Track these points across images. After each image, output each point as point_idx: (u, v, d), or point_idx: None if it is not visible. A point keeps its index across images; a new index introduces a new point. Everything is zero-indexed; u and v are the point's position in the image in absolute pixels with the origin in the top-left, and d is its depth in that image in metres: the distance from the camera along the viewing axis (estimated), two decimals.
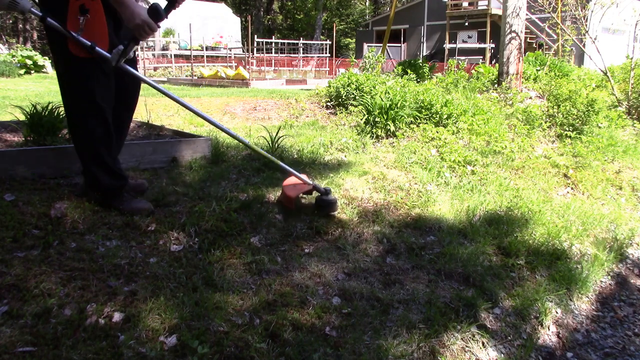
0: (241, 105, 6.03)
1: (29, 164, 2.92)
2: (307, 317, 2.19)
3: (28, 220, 2.41)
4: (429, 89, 5.75)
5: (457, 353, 2.22)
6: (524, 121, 5.81)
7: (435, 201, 3.59)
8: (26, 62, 15.30)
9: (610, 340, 2.77)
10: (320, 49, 19.69)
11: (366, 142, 4.56)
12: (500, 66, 7.47)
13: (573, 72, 9.72)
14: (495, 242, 3.19)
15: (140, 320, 1.94)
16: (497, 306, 2.63)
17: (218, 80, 12.63)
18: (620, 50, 14.56)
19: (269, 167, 3.64)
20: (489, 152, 4.70)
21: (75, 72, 2.41)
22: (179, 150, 3.56)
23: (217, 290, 2.23)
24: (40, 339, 1.76)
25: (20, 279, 2.01)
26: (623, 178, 5.10)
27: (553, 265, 3.13)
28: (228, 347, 1.91)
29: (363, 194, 3.51)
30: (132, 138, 3.99)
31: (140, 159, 3.36)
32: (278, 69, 17.98)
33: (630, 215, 4.41)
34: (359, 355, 2.04)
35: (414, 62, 10.67)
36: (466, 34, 21.24)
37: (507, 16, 7.28)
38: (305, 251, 2.73)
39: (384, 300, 2.42)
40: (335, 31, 20.44)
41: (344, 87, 5.94)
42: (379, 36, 23.56)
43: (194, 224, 2.65)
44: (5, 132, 3.72)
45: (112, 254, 2.30)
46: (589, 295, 3.10)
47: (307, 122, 5.44)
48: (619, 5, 8.85)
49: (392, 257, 2.86)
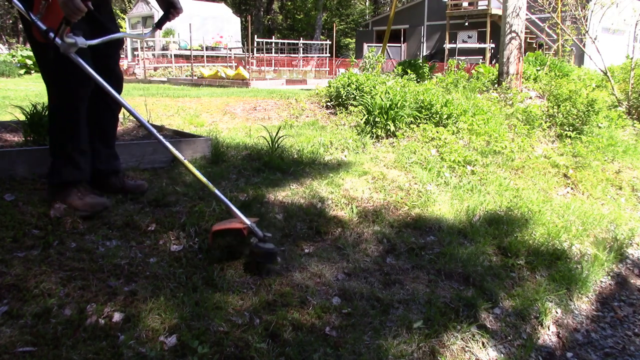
0: (241, 105, 6.03)
1: (29, 164, 2.92)
2: (307, 317, 2.19)
3: (28, 220, 2.41)
4: (429, 89, 5.75)
5: (457, 353, 2.22)
6: (524, 121, 5.82)
7: (435, 201, 3.59)
8: (26, 62, 15.31)
9: (610, 340, 2.77)
10: (320, 49, 19.70)
11: (366, 142, 4.56)
12: (500, 66, 7.47)
13: (573, 72, 9.73)
14: (495, 242, 3.19)
15: (140, 320, 1.94)
16: (497, 306, 2.63)
17: (218, 80, 12.63)
18: (620, 50, 14.56)
19: (269, 168, 3.64)
20: (489, 152, 4.70)
21: (40, 57, 2.40)
22: (179, 150, 3.54)
23: (217, 290, 2.23)
24: (40, 339, 1.76)
25: (20, 279, 2.01)
26: (623, 178, 5.10)
27: (553, 265, 3.13)
28: (228, 347, 1.91)
29: (363, 194, 3.51)
30: (132, 138, 3.99)
31: (140, 159, 3.36)
32: (278, 69, 17.98)
33: (630, 215, 4.41)
34: (359, 355, 2.04)
35: (414, 62, 10.67)
36: (466, 34, 21.25)
37: (507, 16, 7.28)
38: (305, 251, 2.73)
39: (384, 300, 2.42)
40: (335, 31, 20.44)
41: (344, 87, 5.94)
42: (379, 36, 23.55)
43: (194, 224, 2.65)
44: (5, 132, 3.72)
45: (112, 254, 2.30)
46: (589, 295, 3.10)
47: (307, 122, 5.44)
48: (619, 5, 8.85)
49: (392, 257, 2.86)
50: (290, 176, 3.56)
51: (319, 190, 3.37)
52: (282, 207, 3.06)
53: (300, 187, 3.38)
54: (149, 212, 2.72)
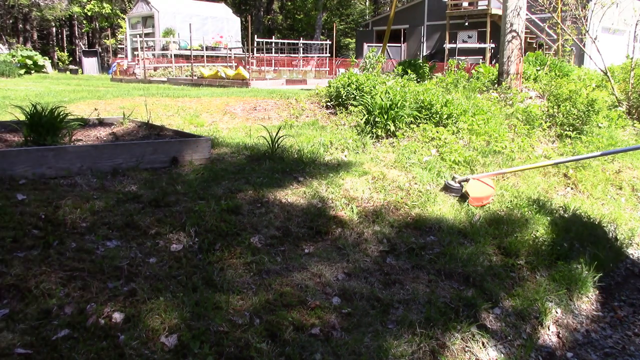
0: (241, 105, 6.03)
1: (29, 164, 2.92)
2: (307, 317, 2.19)
3: (28, 220, 2.41)
4: (429, 89, 5.74)
5: (457, 353, 2.22)
6: (524, 121, 5.81)
7: (435, 201, 3.59)
8: (26, 62, 15.32)
9: (610, 340, 2.77)
10: (320, 49, 19.68)
11: (366, 142, 4.56)
12: (500, 66, 7.47)
13: (573, 72, 9.71)
14: (495, 242, 3.19)
15: (141, 320, 1.94)
16: (497, 306, 2.62)
17: (218, 80, 12.63)
18: (620, 50, 14.55)
19: (269, 167, 3.64)
20: (489, 152, 4.70)
21: None
22: (179, 150, 3.56)
23: (217, 290, 2.23)
24: (41, 339, 1.76)
25: (20, 279, 2.01)
26: (623, 178, 5.10)
27: (553, 265, 3.13)
28: (228, 347, 1.91)
29: (363, 194, 3.51)
30: (132, 138, 3.99)
31: (141, 159, 3.35)
32: (278, 69, 17.97)
33: (630, 215, 4.40)
34: (359, 355, 2.04)
35: (414, 62, 10.66)
36: (466, 34, 21.23)
37: (507, 15, 7.27)
38: (305, 251, 2.73)
39: (384, 300, 2.42)
40: (335, 31, 20.43)
41: (344, 87, 5.94)
42: (379, 36, 23.54)
43: (194, 224, 2.65)
44: (5, 132, 3.72)
45: (112, 254, 2.30)
46: (589, 295, 3.10)
47: (307, 122, 5.43)
48: (619, 5, 8.84)
49: (392, 257, 2.85)
50: (290, 176, 3.56)
51: (319, 190, 3.37)
52: (282, 207, 3.06)
53: (300, 187, 3.37)
54: (149, 212, 2.72)
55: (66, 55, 32.15)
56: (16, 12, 30.59)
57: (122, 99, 6.27)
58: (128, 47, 21.58)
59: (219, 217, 2.76)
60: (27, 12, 30.48)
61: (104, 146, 3.36)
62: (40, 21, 32.08)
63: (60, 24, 34.86)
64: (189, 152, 3.60)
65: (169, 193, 2.97)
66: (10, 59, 15.53)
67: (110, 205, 2.71)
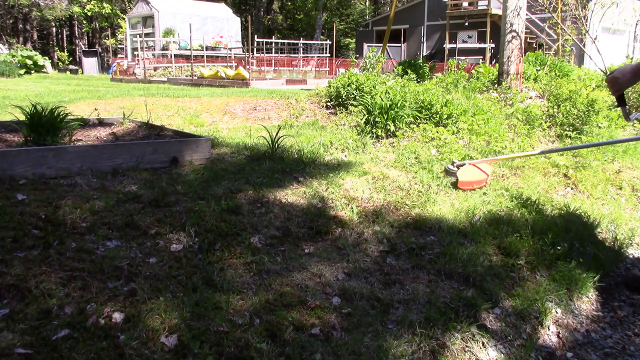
0: (241, 105, 6.03)
1: (29, 164, 2.92)
2: (307, 317, 2.19)
3: (28, 220, 2.41)
4: (429, 89, 5.74)
5: (457, 353, 2.22)
6: (524, 121, 5.81)
7: (435, 201, 3.59)
8: (26, 62, 15.33)
9: (610, 340, 2.77)
10: (320, 49, 19.69)
11: (366, 142, 4.56)
12: (500, 66, 7.47)
13: (573, 72, 9.71)
14: (495, 242, 3.19)
15: (141, 321, 1.94)
16: (497, 306, 2.62)
17: (218, 80, 12.63)
18: (620, 50, 14.56)
19: (269, 168, 3.64)
20: (489, 152, 4.70)
21: None
22: (179, 150, 3.56)
23: (217, 290, 2.23)
24: (41, 339, 1.76)
25: (20, 279, 2.01)
26: (623, 178, 5.10)
27: (553, 265, 3.13)
28: (228, 347, 1.91)
29: (363, 194, 3.51)
30: (132, 138, 3.99)
31: (141, 159, 3.36)
32: (278, 69, 17.97)
33: (630, 215, 4.40)
34: (359, 355, 2.04)
35: (414, 62, 10.66)
36: (466, 34, 21.24)
37: (507, 15, 7.27)
38: (305, 251, 2.73)
39: (384, 300, 2.42)
40: (335, 31, 20.43)
41: (344, 87, 5.94)
42: (379, 36, 23.54)
43: (194, 224, 2.65)
44: (5, 132, 3.72)
45: (112, 254, 2.30)
46: (589, 295, 3.10)
47: (307, 122, 5.43)
48: (619, 5, 8.85)
49: (392, 257, 2.85)
50: (290, 176, 3.56)
51: (319, 190, 3.37)
52: (282, 207, 3.06)
53: (300, 187, 3.38)
54: (149, 212, 2.72)
55: (66, 55, 32.18)
56: (16, 12, 30.60)
57: (122, 99, 6.27)
58: (128, 47, 21.60)
59: (219, 217, 2.76)
60: (27, 12, 30.48)
61: (104, 146, 3.36)
62: (40, 21, 32.09)
63: (60, 24, 34.87)
64: (189, 152, 3.60)
65: (169, 193, 2.97)
66: (10, 59, 15.54)
67: (110, 205, 2.71)
